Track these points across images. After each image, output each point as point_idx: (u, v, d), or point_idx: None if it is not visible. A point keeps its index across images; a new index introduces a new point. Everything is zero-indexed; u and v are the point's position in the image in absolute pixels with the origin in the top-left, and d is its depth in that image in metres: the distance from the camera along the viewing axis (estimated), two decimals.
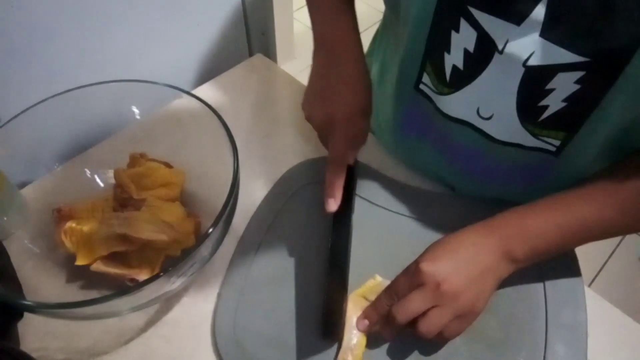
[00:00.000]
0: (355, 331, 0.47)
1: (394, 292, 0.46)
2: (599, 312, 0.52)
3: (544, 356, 0.47)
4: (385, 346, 0.49)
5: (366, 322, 0.47)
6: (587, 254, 0.50)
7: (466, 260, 0.45)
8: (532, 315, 0.50)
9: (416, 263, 0.45)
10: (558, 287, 0.52)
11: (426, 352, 0.48)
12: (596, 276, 1.45)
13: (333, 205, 0.51)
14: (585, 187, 0.46)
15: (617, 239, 1.53)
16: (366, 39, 0.60)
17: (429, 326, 0.43)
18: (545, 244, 0.46)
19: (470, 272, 0.44)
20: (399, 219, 0.58)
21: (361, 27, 0.56)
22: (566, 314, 0.50)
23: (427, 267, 0.44)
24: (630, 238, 1.54)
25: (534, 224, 0.46)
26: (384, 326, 0.46)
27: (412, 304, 0.44)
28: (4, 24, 0.55)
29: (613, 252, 1.50)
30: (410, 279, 0.45)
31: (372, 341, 0.48)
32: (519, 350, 0.48)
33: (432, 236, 0.50)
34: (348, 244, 0.52)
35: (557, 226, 0.45)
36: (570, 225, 0.45)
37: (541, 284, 0.52)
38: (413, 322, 0.44)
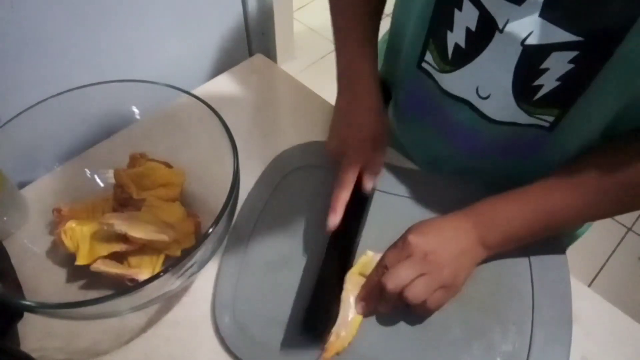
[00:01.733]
0: (351, 309, 0.49)
1: (383, 265, 0.49)
2: (599, 312, 0.52)
3: (532, 318, 0.49)
4: (379, 323, 0.50)
5: (363, 303, 0.49)
6: (587, 254, 0.51)
7: (448, 239, 0.49)
8: (518, 279, 0.52)
9: (403, 237, 0.49)
10: (542, 259, 0.54)
11: (417, 325, 0.50)
12: (596, 276, 1.45)
13: (333, 219, 0.52)
14: (554, 178, 0.49)
15: (617, 239, 1.53)
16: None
17: (415, 292, 0.46)
18: (515, 232, 0.50)
19: (453, 249, 0.49)
20: (393, 199, 0.59)
21: None
22: (550, 276, 0.52)
23: (415, 238, 0.48)
24: (630, 238, 1.54)
25: (503, 214, 0.50)
26: (378, 301, 0.49)
27: (401, 272, 0.47)
28: (4, 24, 0.55)
29: (613, 252, 1.50)
30: (398, 251, 0.48)
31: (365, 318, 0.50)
32: (508, 316, 0.50)
33: (425, 216, 0.53)
34: (346, 267, 0.52)
35: (525, 215, 0.49)
36: (537, 214, 0.49)
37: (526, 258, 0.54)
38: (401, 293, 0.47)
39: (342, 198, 0.53)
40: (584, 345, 0.49)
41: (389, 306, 0.48)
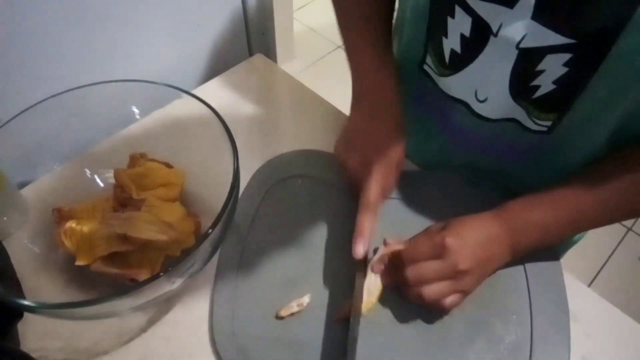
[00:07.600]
0: (375, 277, 0.51)
1: (414, 255, 0.48)
2: (599, 312, 0.52)
3: (531, 312, 0.50)
4: (389, 310, 0.51)
5: (381, 267, 0.51)
6: (587, 254, 0.51)
7: (480, 245, 0.48)
8: (513, 278, 0.53)
9: (442, 236, 0.47)
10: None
11: (420, 325, 0.50)
12: (596, 276, 1.45)
13: (360, 249, 0.50)
14: (585, 178, 0.48)
15: (617, 239, 1.53)
16: None
17: (431, 292, 0.47)
18: (547, 237, 0.49)
19: (482, 256, 0.48)
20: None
21: None
22: (545, 276, 0.53)
23: (452, 243, 0.47)
24: (630, 238, 1.54)
25: (537, 219, 0.49)
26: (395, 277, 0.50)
27: (427, 274, 0.47)
28: (4, 24, 0.55)
29: (613, 252, 1.50)
30: (432, 247, 0.48)
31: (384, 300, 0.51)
32: (508, 307, 0.51)
33: (422, 216, 0.56)
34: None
35: (558, 219, 0.48)
36: (570, 218, 0.48)
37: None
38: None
39: (369, 222, 0.51)
40: (584, 345, 0.49)
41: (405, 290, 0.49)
